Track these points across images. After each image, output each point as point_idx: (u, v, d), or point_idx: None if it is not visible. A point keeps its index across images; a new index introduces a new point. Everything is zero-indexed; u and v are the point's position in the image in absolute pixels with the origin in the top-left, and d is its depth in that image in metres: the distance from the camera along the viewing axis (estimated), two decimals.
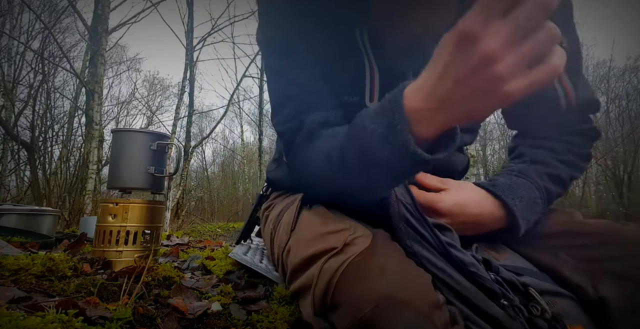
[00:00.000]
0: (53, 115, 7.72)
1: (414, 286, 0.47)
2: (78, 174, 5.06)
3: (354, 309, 0.46)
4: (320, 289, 0.50)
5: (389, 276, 0.47)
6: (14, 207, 1.55)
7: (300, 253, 0.56)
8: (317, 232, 0.57)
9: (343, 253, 0.51)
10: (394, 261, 0.50)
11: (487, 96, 0.37)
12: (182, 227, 7.44)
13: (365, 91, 0.66)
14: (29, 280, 0.66)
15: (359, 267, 0.49)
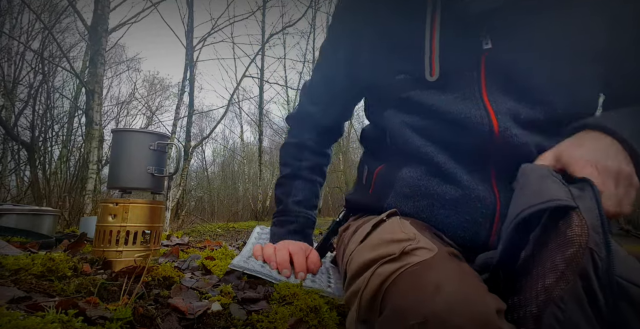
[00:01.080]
0: (53, 115, 7.72)
1: (474, 315, 0.41)
2: (78, 174, 5.06)
3: (400, 319, 0.44)
4: (368, 292, 0.50)
5: (445, 296, 0.43)
6: (14, 207, 1.55)
7: (359, 259, 0.56)
8: (381, 239, 0.57)
9: (399, 260, 0.50)
10: (456, 282, 0.45)
11: None
12: (182, 227, 7.44)
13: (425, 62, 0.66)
14: (29, 280, 0.66)
15: (414, 277, 0.47)
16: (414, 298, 0.44)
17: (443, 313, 0.41)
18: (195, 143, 9.04)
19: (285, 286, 0.76)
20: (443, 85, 0.64)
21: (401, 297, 0.46)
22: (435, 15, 0.65)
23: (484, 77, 0.62)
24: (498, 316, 0.42)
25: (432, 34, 0.65)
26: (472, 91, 0.62)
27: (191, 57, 7.88)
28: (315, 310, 0.69)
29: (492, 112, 0.60)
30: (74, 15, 7.14)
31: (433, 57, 0.65)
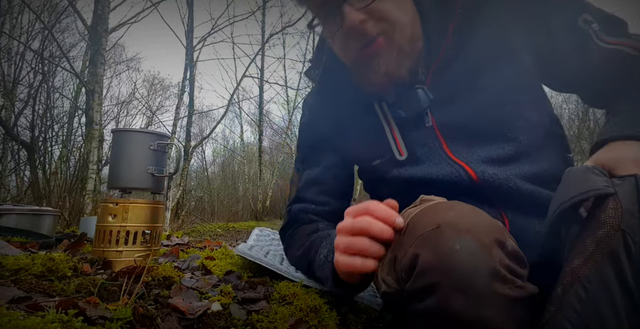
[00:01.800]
0: (53, 115, 7.72)
1: (480, 222, 0.49)
2: (78, 174, 5.06)
3: (417, 231, 0.49)
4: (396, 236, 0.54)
5: (457, 211, 0.50)
6: (14, 207, 1.55)
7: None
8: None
9: (419, 205, 0.56)
10: (468, 206, 0.52)
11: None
12: (182, 227, 7.44)
13: (392, 148, 0.79)
14: (29, 280, 0.66)
15: (429, 207, 0.53)
16: (430, 214, 0.51)
17: (454, 220, 0.48)
18: (195, 143, 9.04)
19: (285, 286, 0.76)
20: (414, 159, 0.77)
21: (419, 220, 0.52)
22: (388, 117, 0.81)
23: (444, 143, 0.75)
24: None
25: (390, 128, 0.80)
26: (439, 156, 0.74)
27: (191, 57, 7.88)
28: (315, 310, 0.69)
29: (463, 164, 0.71)
30: (74, 15, 7.14)
31: (398, 143, 0.79)
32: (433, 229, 0.48)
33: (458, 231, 0.47)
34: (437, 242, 0.47)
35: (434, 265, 0.46)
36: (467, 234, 0.46)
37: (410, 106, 0.76)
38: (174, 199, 7.91)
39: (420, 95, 0.75)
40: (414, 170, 0.76)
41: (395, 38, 0.73)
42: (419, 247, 0.48)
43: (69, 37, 12.62)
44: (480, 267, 0.44)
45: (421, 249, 0.47)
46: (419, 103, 0.75)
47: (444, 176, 0.72)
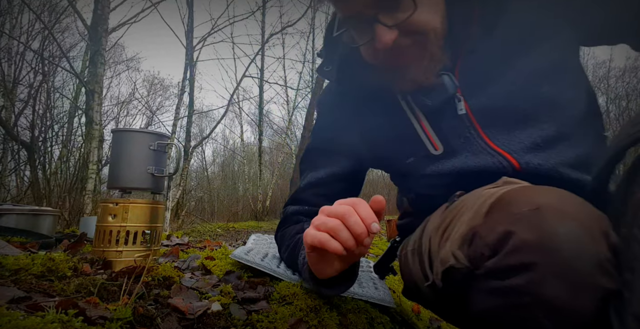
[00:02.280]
0: (53, 115, 7.71)
1: (587, 210, 0.45)
2: (78, 174, 5.06)
3: (511, 209, 0.47)
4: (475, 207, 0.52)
5: (559, 194, 0.47)
6: (14, 207, 1.55)
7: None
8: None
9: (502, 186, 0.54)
10: (568, 193, 0.48)
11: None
12: (182, 227, 7.44)
13: (426, 143, 0.74)
14: (29, 280, 0.66)
15: (523, 188, 0.50)
16: (526, 194, 0.48)
17: (556, 203, 0.45)
18: (195, 143, 9.04)
19: (285, 286, 0.76)
20: (451, 152, 0.71)
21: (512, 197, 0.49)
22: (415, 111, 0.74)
23: (481, 130, 0.69)
24: None
25: (419, 122, 0.74)
26: (478, 145, 0.69)
27: (191, 57, 7.88)
28: (315, 310, 0.69)
29: (505, 153, 0.66)
30: (74, 15, 7.14)
31: (430, 137, 0.73)
32: (532, 210, 0.45)
33: (562, 215, 0.44)
34: (537, 222, 0.44)
35: (532, 244, 0.43)
36: (573, 220, 0.43)
37: (435, 94, 0.71)
38: (174, 199, 7.91)
39: (446, 81, 0.71)
40: (451, 163, 0.71)
41: (428, 47, 0.69)
42: (514, 225, 0.45)
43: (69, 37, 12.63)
44: (586, 256, 0.41)
45: (517, 227, 0.44)
46: (445, 90, 0.70)
47: (484, 167, 0.68)
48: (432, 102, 0.72)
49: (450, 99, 0.71)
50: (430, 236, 0.64)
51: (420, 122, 0.74)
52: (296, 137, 13.50)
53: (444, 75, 0.71)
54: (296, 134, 13.88)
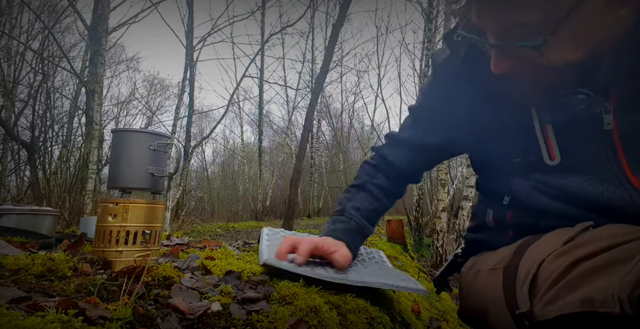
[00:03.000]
0: (53, 115, 7.71)
1: None
2: (78, 174, 5.06)
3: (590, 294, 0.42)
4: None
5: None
6: (14, 207, 1.55)
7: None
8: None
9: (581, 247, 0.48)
10: None
11: None
12: (182, 227, 7.44)
13: (542, 149, 0.64)
14: (29, 280, 0.66)
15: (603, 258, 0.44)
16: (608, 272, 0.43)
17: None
18: (195, 143, 9.04)
19: (285, 286, 0.76)
20: (569, 167, 0.62)
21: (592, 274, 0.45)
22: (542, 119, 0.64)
23: (622, 156, 0.57)
24: None
25: (541, 125, 0.63)
26: (610, 170, 0.58)
27: (191, 57, 7.88)
28: (315, 310, 0.69)
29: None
30: (74, 15, 7.14)
31: (550, 144, 0.63)
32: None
33: None
34: None
35: None
36: None
37: (572, 110, 0.59)
38: (174, 199, 7.91)
39: (594, 99, 0.58)
40: (566, 180, 0.61)
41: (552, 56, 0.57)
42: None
43: (68, 37, 12.63)
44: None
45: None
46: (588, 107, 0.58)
47: (607, 199, 0.57)
48: (565, 115, 0.60)
49: (592, 113, 0.59)
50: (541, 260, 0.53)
51: (544, 125, 0.64)
52: (296, 137, 13.50)
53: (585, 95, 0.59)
54: (296, 134, 13.89)
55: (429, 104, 0.85)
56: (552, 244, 0.54)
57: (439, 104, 0.82)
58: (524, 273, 0.55)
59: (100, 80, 4.65)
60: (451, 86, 0.78)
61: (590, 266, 0.46)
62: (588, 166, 0.60)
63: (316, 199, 14.38)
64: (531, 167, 0.66)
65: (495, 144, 0.72)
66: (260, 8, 11.02)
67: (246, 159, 15.91)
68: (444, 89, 0.80)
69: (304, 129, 6.22)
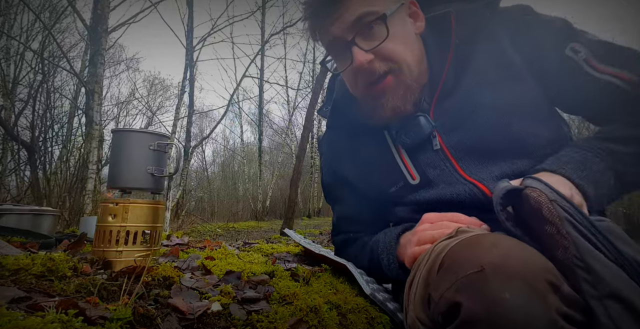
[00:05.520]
0: (53, 115, 7.71)
1: (530, 262, 0.44)
2: (78, 174, 5.06)
3: (456, 271, 0.46)
4: (429, 265, 0.53)
5: (501, 249, 0.46)
6: (14, 207, 1.55)
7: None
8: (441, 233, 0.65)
9: (456, 236, 0.56)
10: (510, 240, 0.49)
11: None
12: (182, 227, 7.44)
13: (404, 173, 0.82)
14: (29, 280, 0.66)
15: (469, 241, 0.50)
16: (470, 253, 0.48)
17: (499, 261, 0.44)
18: (195, 143, 9.04)
19: (285, 286, 0.76)
20: (428, 182, 0.79)
21: (458, 256, 0.49)
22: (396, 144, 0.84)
23: (456, 163, 0.77)
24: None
25: (399, 153, 0.83)
26: (452, 177, 0.77)
27: (191, 57, 7.88)
28: (315, 310, 0.69)
29: (476, 182, 0.74)
30: (74, 15, 7.13)
31: (408, 168, 0.82)
32: (476, 272, 0.43)
33: (506, 275, 0.42)
34: (482, 289, 0.42)
35: (480, 318, 0.41)
36: (517, 278, 0.42)
37: (413, 133, 0.80)
38: (174, 199, 7.91)
39: (422, 122, 0.78)
40: (429, 193, 0.79)
41: (402, 77, 0.76)
42: (461, 293, 0.44)
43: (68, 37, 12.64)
44: (535, 318, 0.40)
45: (463, 296, 0.43)
46: (422, 130, 0.78)
47: (457, 196, 0.74)
48: (411, 140, 0.80)
49: (427, 135, 0.79)
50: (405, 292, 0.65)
51: (401, 154, 0.83)
52: (296, 137, 13.51)
53: (421, 117, 0.79)
54: (296, 134, 13.90)
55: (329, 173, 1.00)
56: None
57: (333, 169, 0.98)
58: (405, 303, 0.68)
59: (100, 81, 4.65)
60: (333, 149, 0.98)
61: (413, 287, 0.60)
62: (439, 177, 0.78)
63: (316, 199, 14.38)
64: (404, 191, 0.83)
65: (375, 182, 0.88)
66: (260, 8, 11.02)
67: (246, 159, 15.91)
68: (330, 155, 0.99)
69: (304, 129, 6.23)
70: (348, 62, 0.76)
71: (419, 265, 0.59)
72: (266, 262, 1.02)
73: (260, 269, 0.89)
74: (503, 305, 0.40)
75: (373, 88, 0.78)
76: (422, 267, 0.56)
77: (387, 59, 0.75)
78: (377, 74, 0.75)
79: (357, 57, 0.74)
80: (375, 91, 0.78)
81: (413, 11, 0.81)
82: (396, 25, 0.75)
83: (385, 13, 0.73)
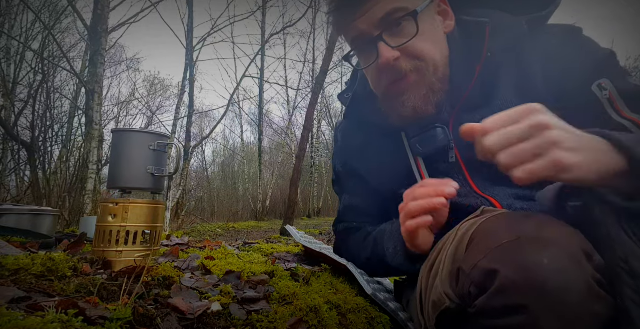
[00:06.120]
0: (53, 115, 7.71)
1: (564, 232, 0.45)
2: (78, 174, 5.05)
3: (490, 242, 0.46)
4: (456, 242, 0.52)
5: (536, 220, 0.47)
6: (14, 207, 1.55)
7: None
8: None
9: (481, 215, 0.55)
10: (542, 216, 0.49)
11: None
12: (182, 227, 7.45)
13: (418, 179, 0.80)
14: (29, 280, 0.66)
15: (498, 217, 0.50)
16: (504, 225, 0.48)
17: (534, 231, 0.45)
18: (195, 143, 9.04)
19: (285, 286, 0.76)
20: None
21: (490, 228, 0.49)
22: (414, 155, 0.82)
23: (469, 178, 0.76)
24: None
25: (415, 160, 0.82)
26: (465, 189, 0.75)
27: (191, 57, 7.88)
28: (315, 310, 0.69)
29: (489, 198, 0.73)
30: (74, 15, 7.13)
31: (423, 175, 0.80)
32: (512, 241, 0.44)
33: (542, 243, 0.43)
34: (519, 256, 0.42)
35: (519, 284, 0.41)
36: (553, 245, 0.42)
37: (428, 144, 0.79)
38: (174, 199, 7.91)
39: (439, 133, 0.77)
40: None
41: (426, 76, 0.74)
42: (497, 261, 0.44)
43: (68, 37, 12.64)
44: (573, 283, 0.40)
45: (500, 264, 0.43)
46: (437, 141, 0.77)
47: (469, 206, 0.73)
48: (424, 150, 0.79)
49: (441, 148, 0.78)
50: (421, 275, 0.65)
51: (417, 160, 0.82)
52: (296, 137, 13.51)
53: (438, 128, 0.77)
54: (296, 134, 13.89)
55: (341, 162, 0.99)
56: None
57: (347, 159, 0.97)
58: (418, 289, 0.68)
59: (100, 81, 4.65)
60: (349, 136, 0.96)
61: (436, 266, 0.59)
62: None
63: (316, 199, 14.37)
64: None
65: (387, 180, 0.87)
66: (260, 8, 11.02)
67: (246, 159, 15.91)
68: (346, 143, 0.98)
69: (304, 129, 6.23)
70: (373, 58, 0.74)
71: (444, 245, 0.58)
72: (266, 262, 1.02)
73: (260, 269, 0.89)
74: (541, 270, 0.41)
75: (395, 86, 0.76)
76: (448, 246, 0.55)
77: (414, 57, 0.73)
78: (403, 72, 0.74)
79: (384, 54, 0.72)
80: (397, 90, 0.76)
81: (442, 9, 0.78)
82: (425, 23, 0.73)
83: (417, 9, 0.71)
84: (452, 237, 0.56)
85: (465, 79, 0.76)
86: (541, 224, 0.46)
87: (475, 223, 0.52)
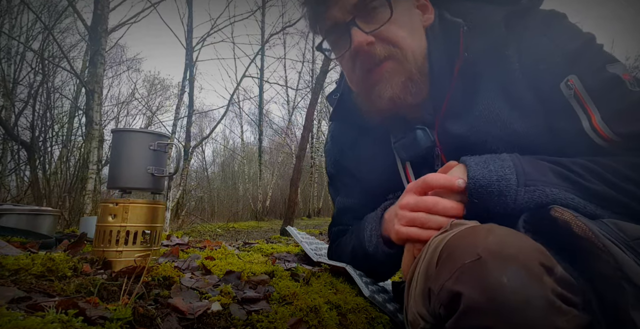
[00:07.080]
0: (53, 115, 7.72)
1: (524, 246, 0.45)
2: (78, 174, 5.06)
3: (454, 261, 0.46)
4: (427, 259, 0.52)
5: (495, 237, 0.46)
6: (14, 207, 1.55)
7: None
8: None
9: (450, 230, 0.55)
10: (505, 228, 0.49)
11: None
12: (182, 227, 7.45)
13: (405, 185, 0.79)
14: (29, 280, 0.66)
15: (464, 233, 0.50)
16: (467, 242, 0.47)
17: (495, 247, 0.44)
18: (195, 143, 9.04)
19: (285, 286, 0.76)
20: None
21: (455, 247, 0.48)
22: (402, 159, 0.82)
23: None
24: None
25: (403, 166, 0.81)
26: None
27: (191, 57, 7.88)
28: (315, 310, 0.69)
29: None
30: (74, 16, 7.14)
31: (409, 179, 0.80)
32: (473, 261, 0.44)
33: (502, 261, 0.43)
34: (480, 277, 0.43)
35: (481, 305, 0.42)
36: (513, 262, 0.42)
37: (410, 147, 0.77)
38: (174, 199, 7.91)
39: (419, 136, 0.75)
40: None
41: (403, 64, 0.71)
42: (460, 283, 0.44)
43: (69, 37, 12.64)
44: (533, 299, 0.41)
45: (463, 285, 0.43)
46: (419, 144, 0.75)
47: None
48: (407, 155, 0.78)
49: (431, 150, 0.76)
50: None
51: (406, 166, 0.81)
52: (296, 137, 13.51)
53: (418, 130, 0.75)
54: (296, 134, 13.90)
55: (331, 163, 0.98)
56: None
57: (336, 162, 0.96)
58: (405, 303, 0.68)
59: (100, 81, 4.65)
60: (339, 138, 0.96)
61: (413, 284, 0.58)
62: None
63: (316, 199, 14.38)
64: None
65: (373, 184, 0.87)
66: (260, 8, 11.02)
67: (246, 159, 15.91)
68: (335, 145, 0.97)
69: (304, 129, 6.22)
70: (347, 46, 0.71)
71: (418, 261, 0.59)
72: (266, 262, 1.02)
73: (260, 269, 0.89)
74: (502, 290, 0.41)
75: (371, 74, 0.72)
76: (421, 262, 0.55)
77: (389, 42, 0.70)
78: (377, 58, 0.70)
79: (356, 38, 0.69)
80: (373, 78, 0.72)
81: (421, 4, 0.77)
82: (402, 12, 0.71)
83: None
84: (424, 253, 0.56)
85: (444, 76, 0.73)
86: (502, 240, 0.45)
87: (444, 239, 0.52)
